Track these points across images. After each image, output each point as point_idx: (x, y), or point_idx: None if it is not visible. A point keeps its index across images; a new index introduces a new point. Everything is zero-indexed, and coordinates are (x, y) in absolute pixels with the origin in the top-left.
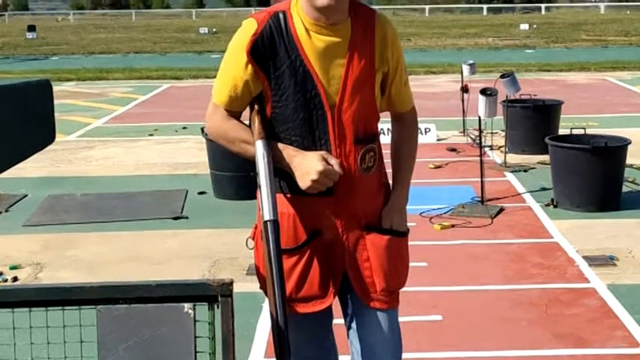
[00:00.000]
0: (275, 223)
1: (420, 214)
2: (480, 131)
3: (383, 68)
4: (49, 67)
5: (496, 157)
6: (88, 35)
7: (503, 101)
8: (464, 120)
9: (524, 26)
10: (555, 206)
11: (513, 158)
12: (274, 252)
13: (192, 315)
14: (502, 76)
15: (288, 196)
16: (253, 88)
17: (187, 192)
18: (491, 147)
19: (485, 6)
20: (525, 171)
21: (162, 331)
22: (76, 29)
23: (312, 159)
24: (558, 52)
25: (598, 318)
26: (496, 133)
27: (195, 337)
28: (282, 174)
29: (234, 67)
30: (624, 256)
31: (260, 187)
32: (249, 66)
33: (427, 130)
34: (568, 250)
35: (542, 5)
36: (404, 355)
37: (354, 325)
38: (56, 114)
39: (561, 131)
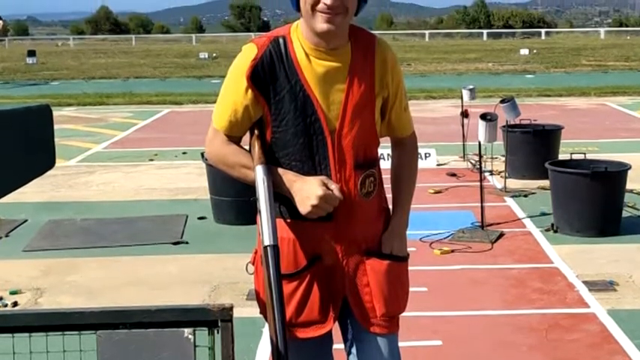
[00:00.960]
0: (275, 248)
1: (420, 239)
2: (480, 156)
3: (383, 93)
4: (49, 92)
5: (496, 182)
6: (88, 60)
7: (503, 126)
8: (464, 145)
9: (524, 51)
10: (555, 231)
11: (513, 183)
12: (274, 277)
13: (192, 340)
14: (502, 101)
15: (288, 221)
16: (253, 113)
17: (187, 217)
18: (491, 172)
19: (485, 31)
20: (525, 196)
21: (163, 356)
22: (76, 54)
23: (312, 184)
24: (558, 77)
25: (598, 343)
26: (496, 158)
27: None
28: (282, 199)
29: (234, 92)
30: (624, 281)
31: (260, 212)
32: (249, 91)
33: (427, 155)
34: (568, 275)
35: (542, 30)
36: None
37: (354, 350)
38: (56, 139)
39: (561, 156)
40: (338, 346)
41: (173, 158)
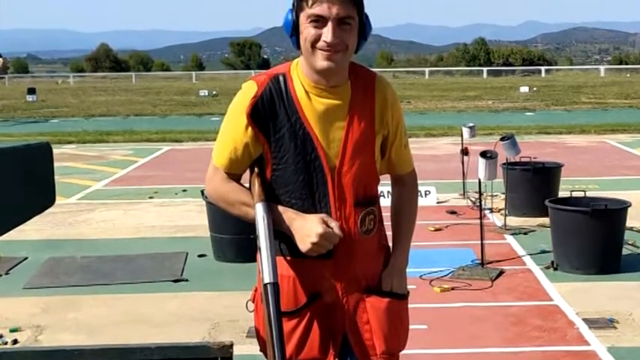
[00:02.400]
0: (275, 285)
1: (420, 276)
2: (480, 194)
3: (383, 131)
4: (49, 129)
5: (496, 219)
6: (88, 98)
7: (503, 164)
8: (464, 182)
9: (524, 89)
10: (555, 269)
11: (513, 221)
12: (274, 314)
13: None
14: (502, 139)
15: (288, 258)
16: (253, 150)
17: (187, 254)
18: (491, 209)
19: (485, 69)
20: (525, 233)
21: None
22: (76, 92)
23: (312, 222)
24: (558, 114)
25: None
26: (496, 195)
27: None
28: (282, 236)
29: (234, 129)
30: (624, 318)
31: (260, 249)
32: (249, 128)
33: (427, 192)
34: (568, 312)
35: (542, 68)
36: None
37: None
38: (56, 176)
39: (561, 194)
40: None
41: (173, 196)
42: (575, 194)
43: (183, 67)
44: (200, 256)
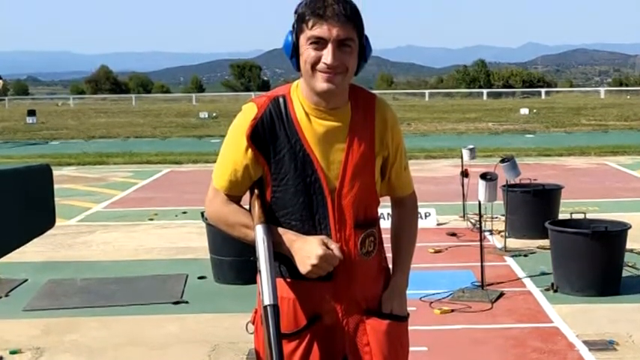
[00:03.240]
0: (275, 307)
1: (420, 298)
2: (480, 216)
3: (383, 153)
4: (49, 151)
5: (496, 241)
6: (88, 120)
7: (503, 186)
8: (464, 204)
9: (524, 111)
10: (555, 291)
11: (513, 243)
12: (274, 336)
13: None
14: (502, 161)
15: (289, 280)
16: (253, 172)
17: (187, 276)
18: (491, 231)
19: (485, 91)
20: (525, 255)
21: None
22: (76, 114)
23: (312, 243)
24: (558, 136)
25: None
26: (496, 217)
27: None
28: (282, 258)
29: (234, 151)
30: (624, 340)
31: (260, 271)
32: (249, 150)
33: (427, 214)
34: (568, 334)
35: (542, 90)
36: None
37: None
38: (56, 198)
39: (561, 216)
40: None
41: (173, 218)
42: (575, 216)
43: (183, 89)
44: (200, 278)
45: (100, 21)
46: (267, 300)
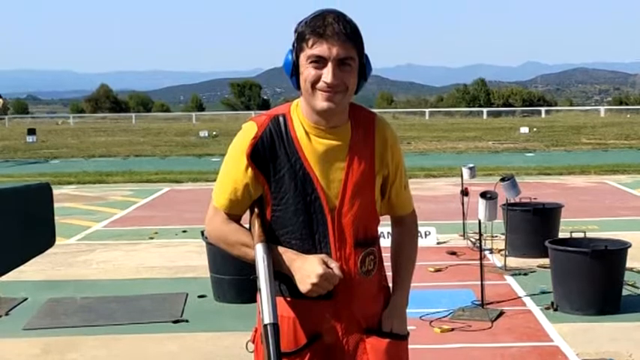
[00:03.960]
0: (275, 326)
1: (420, 317)
2: (480, 234)
3: (383, 171)
4: (49, 170)
5: (496, 260)
6: (88, 138)
7: (503, 204)
8: (464, 223)
9: (524, 129)
10: (555, 309)
11: (513, 261)
12: (274, 355)
13: None
14: (502, 180)
15: (288, 299)
16: (253, 191)
17: (187, 295)
18: (491, 250)
19: (485, 109)
20: (525, 274)
21: None
22: (76, 132)
23: (312, 262)
24: (558, 155)
25: None
26: (496, 236)
27: None
28: (282, 277)
29: (234, 170)
30: (624, 359)
31: (260, 290)
32: (249, 169)
33: (427, 233)
34: (568, 353)
35: (542, 109)
36: None
37: None
38: (56, 217)
39: (561, 234)
40: None
41: (173, 236)
42: (575, 235)
43: (183, 107)
44: (200, 296)
45: (101, 40)
46: (267, 319)
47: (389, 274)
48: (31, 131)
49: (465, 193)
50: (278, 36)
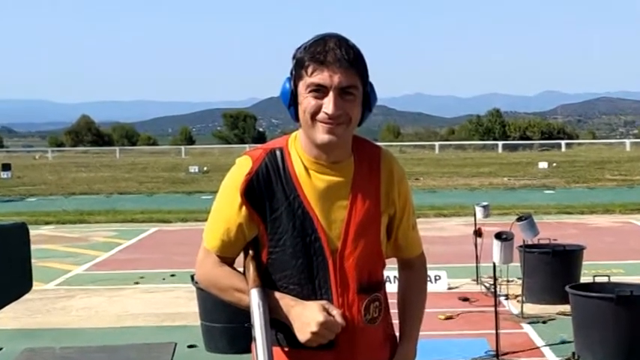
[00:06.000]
0: None
1: None
2: (495, 279)
3: (389, 210)
4: (26, 209)
5: (512, 307)
6: (68, 174)
7: (520, 246)
8: (477, 267)
9: (543, 165)
10: None
11: (531, 308)
12: None
13: None
14: (519, 219)
15: (286, 349)
16: (248, 231)
17: (176, 345)
18: (506, 296)
19: (500, 143)
20: (544, 322)
21: None
22: (55, 168)
23: (311, 309)
24: (580, 192)
25: None
26: (512, 280)
27: None
28: (279, 325)
29: (226, 208)
30: None
31: (255, 339)
32: (244, 208)
33: (437, 277)
34: None
35: (563, 142)
36: None
37: None
38: (33, 260)
39: (583, 279)
40: None
41: (160, 281)
42: (598, 279)
43: (172, 140)
44: (190, 346)
45: (80, 67)
46: None
47: (395, 321)
48: (6, 166)
49: (478, 233)
50: (275, 63)
